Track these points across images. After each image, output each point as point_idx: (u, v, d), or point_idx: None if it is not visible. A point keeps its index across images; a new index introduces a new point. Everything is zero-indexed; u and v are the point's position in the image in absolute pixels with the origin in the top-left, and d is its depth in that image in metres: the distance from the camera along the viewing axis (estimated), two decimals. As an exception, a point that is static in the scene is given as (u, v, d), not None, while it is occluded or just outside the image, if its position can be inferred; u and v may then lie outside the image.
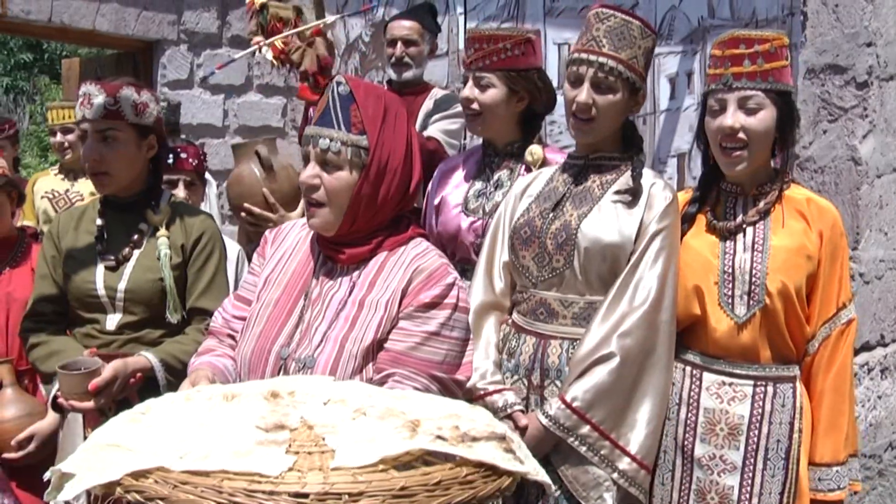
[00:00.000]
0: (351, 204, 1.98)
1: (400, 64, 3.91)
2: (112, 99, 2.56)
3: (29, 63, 16.88)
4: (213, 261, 2.73)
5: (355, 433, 1.41)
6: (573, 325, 2.45)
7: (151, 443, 1.39)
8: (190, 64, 5.81)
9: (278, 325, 2.04)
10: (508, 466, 1.42)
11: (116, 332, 2.64)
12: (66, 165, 4.93)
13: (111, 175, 2.63)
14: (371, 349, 1.96)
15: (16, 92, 16.77)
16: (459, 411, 1.55)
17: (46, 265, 2.75)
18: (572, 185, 2.54)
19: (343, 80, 2.00)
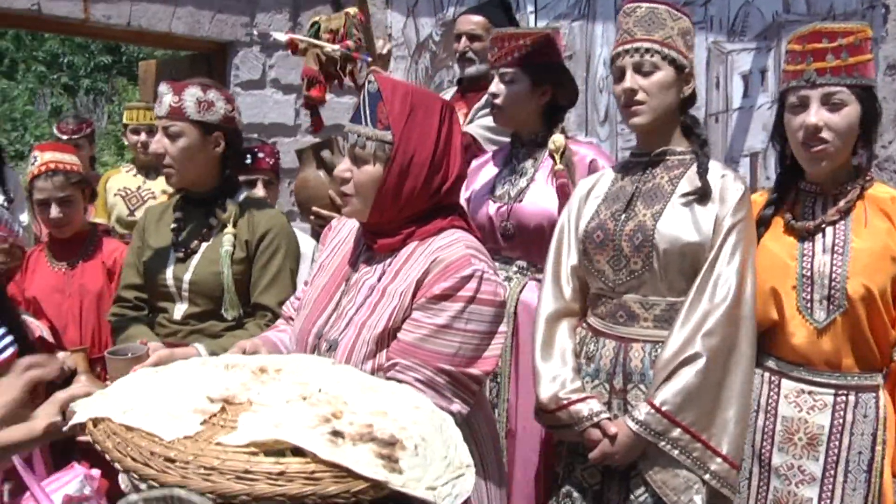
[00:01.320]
0: (377, 196, 2.02)
1: (463, 59, 3.90)
2: (177, 97, 2.67)
3: (108, 65, 17.35)
4: (278, 258, 2.77)
5: (273, 416, 1.54)
6: (655, 328, 2.42)
7: (129, 396, 1.66)
8: (262, 65, 5.86)
9: (321, 308, 2.13)
10: (365, 473, 1.45)
11: (182, 322, 2.75)
12: (141, 163, 5.05)
13: (176, 168, 2.73)
14: (384, 337, 2.00)
15: (95, 93, 17.25)
16: (397, 411, 1.64)
17: (132, 254, 2.91)
18: (640, 184, 2.50)
19: (373, 79, 2.05)
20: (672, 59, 2.41)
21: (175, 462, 1.44)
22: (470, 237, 2.06)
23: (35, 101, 16.67)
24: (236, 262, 2.72)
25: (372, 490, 1.47)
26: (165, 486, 1.42)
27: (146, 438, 1.50)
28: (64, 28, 5.90)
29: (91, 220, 4.08)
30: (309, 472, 1.44)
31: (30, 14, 5.21)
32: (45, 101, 16.79)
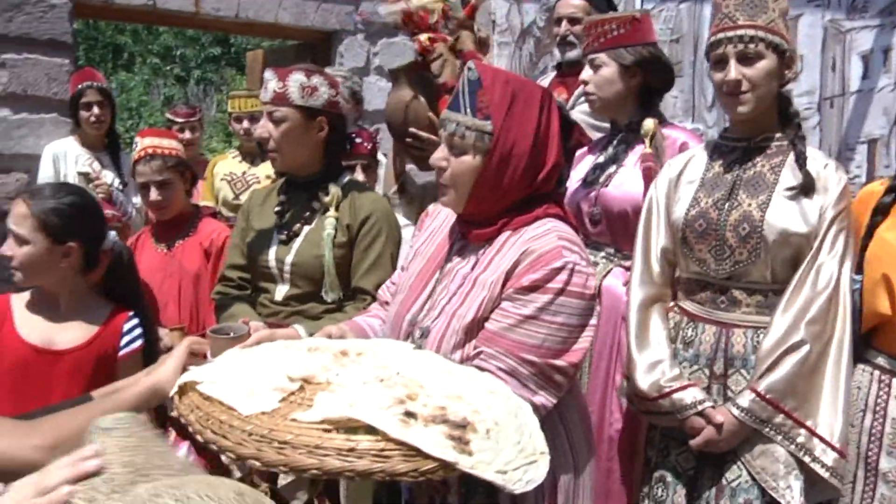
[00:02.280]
0: (474, 187, 2.00)
1: (564, 43, 3.85)
2: (281, 83, 2.71)
3: (217, 57, 17.88)
4: (379, 242, 2.78)
5: (348, 396, 1.59)
6: (757, 314, 2.39)
7: (215, 373, 1.75)
8: (366, 52, 5.93)
9: (415, 295, 2.13)
10: (434, 453, 1.47)
11: (283, 304, 2.80)
12: (246, 150, 5.16)
13: (280, 152, 2.78)
14: (473, 327, 1.98)
15: (205, 83, 17.76)
16: (472, 395, 1.65)
17: (237, 236, 2.98)
18: (740, 172, 2.44)
19: (472, 66, 2.01)
20: (776, 45, 2.34)
21: (251, 435, 1.51)
22: (564, 227, 2.03)
23: (149, 92, 17.26)
24: (338, 246, 2.75)
25: (441, 470, 1.49)
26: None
27: (226, 413, 1.58)
28: (176, 21, 6.11)
29: (198, 203, 4.19)
30: (378, 450, 1.48)
31: (145, 9, 5.41)
32: (159, 92, 17.36)
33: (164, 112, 16.25)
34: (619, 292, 2.93)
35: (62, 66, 4.87)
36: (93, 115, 4.71)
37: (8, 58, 4.68)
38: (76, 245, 2.47)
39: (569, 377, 1.97)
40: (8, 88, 4.71)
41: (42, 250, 2.43)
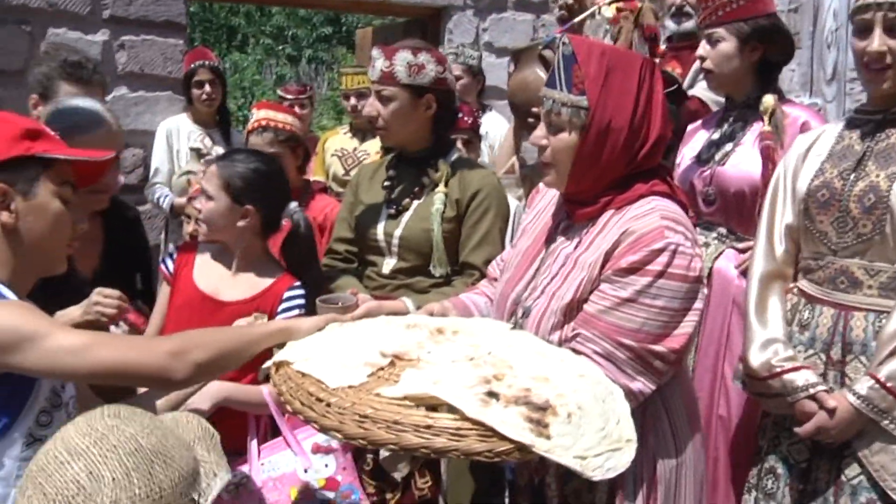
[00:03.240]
0: (574, 165, 1.95)
1: (680, 14, 3.74)
2: (388, 62, 2.70)
3: (328, 36, 18.18)
4: (488, 218, 2.76)
5: (435, 374, 1.63)
6: (880, 296, 2.25)
7: (313, 346, 1.83)
8: (476, 28, 5.86)
9: (520, 274, 2.11)
10: (510, 434, 1.48)
11: (390, 277, 2.82)
12: (356, 126, 5.20)
13: (388, 130, 2.79)
14: (571, 308, 1.94)
15: (317, 62, 18.08)
16: (559, 378, 1.65)
17: (345, 209, 3.02)
18: (872, 143, 2.31)
19: (567, 41, 1.96)
20: None
21: (334, 408, 1.56)
22: (669, 206, 1.95)
23: (262, 71, 17.67)
24: (446, 221, 2.74)
25: (517, 452, 1.49)
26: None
27: (315, 385, 1.64)
28: (288, 1, 6.16)
29: (310, 178, 4.21)
30: (455, 429, 1.50)
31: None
32: (271, 71, 17.74)
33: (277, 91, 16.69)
34: (731, 275, 2.85)
35: (176, 46, 4.98)
36: (204, 92, 4.83)
37: (126, 39, 4.82)
38: (253, 209, 2.60)
39: (669, 363, 1.90)
40: (126, 68, 4.85)
41: (223, 208, 2.59)
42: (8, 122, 1.80)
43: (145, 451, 1.18)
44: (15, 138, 1.74)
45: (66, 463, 1.15)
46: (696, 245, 1.93)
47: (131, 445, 1.18)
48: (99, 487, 1.13)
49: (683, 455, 2.03)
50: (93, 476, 1.14)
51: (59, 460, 1.15)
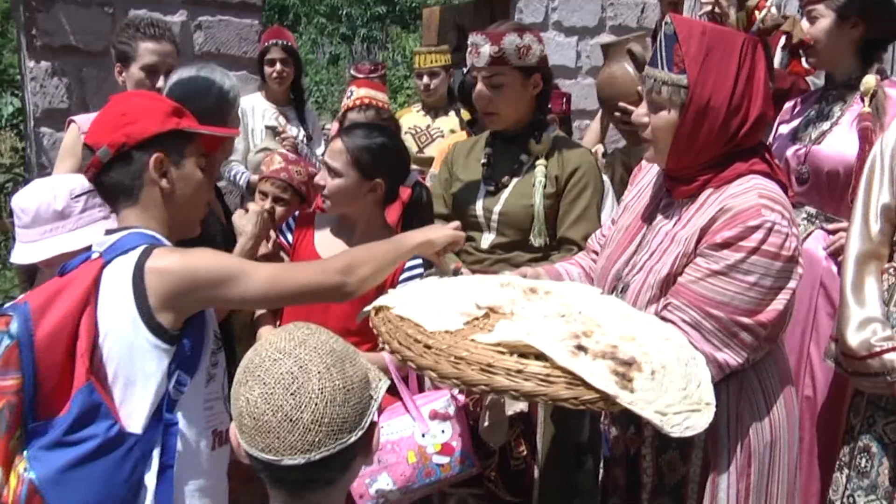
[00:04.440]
0: (673, 142, 1.98)
1: None
2: (496, 47, 2.71)
3: (382, 15, 18.19)
4: (587, 194, 2.80)
5: (527, 326, 1.70)
6: None
7: (410, 295, 1.94)
8: (545, 8, 5.84)
9: (621, 249, 2.16)
10: (596, 384, 1.55)
11: (489, 252, 2.88)
12: (429, 104, 5.23)
13: (499, 115, 2.82)
14: (667, 282, 1.98)
15: (370, 41, 18.09)
16: (645, 339, 1.71)
17: (439, 186, 3.07)
18: None
19: (669, 20, 1.99)
20: None
21: (431, 349, 1.66)
22: (768, 185, 1.97)
23: (315, 51, 17.72)
24: (546, 197, 2.79)
25: (601, 402, 1.57)
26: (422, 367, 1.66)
27: (413, 328, 1.74)
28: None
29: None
30: (545, 375, 1.58)
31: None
32: (324, 51, 17.79)
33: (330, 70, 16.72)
34: (819, 256, 2.85)
35: (251, 26, 5.04)
36: (275, 71, 4.89)
37: (203, 19, 4.88)
38: (382, 181, 2.72)
39: (758, 338, 1.92)
40: (203, 48, 4.91)
41: (352, 183, 2.70)
42: (159, 100, 2.05)
43: (337, 353, 1.40)
44: (167, 114, 1.95)
45: (278, 360, 1.37)
46: (794, 224, 1.94)
47: (326, 347, 1.39)
48: (308, 378, 1.35)
49: (778, 433, 2.05)
50: (302, 370, 1.35)
51: (273, 358, 1.37)
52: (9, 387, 1.69)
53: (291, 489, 1.41)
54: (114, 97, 2.03)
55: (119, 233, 1.92)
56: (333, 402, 1.35)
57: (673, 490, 2.10)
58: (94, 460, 1.73)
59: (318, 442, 1.34)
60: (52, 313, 1.74)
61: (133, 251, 1.84)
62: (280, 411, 1.34)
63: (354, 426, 1.37)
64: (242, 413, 1.38)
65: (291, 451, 1.34)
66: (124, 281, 1.81)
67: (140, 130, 1.90)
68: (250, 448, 1.38)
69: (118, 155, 1.89)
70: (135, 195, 1.93)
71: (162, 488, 1.80)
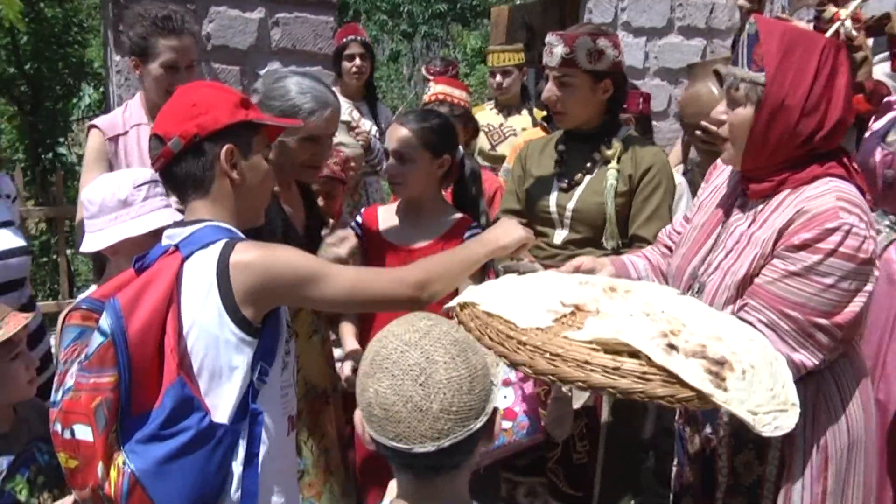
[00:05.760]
0: (748, 141, 1.98)
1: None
2: (568, 48, 2.75)
3: (443, 12, 18.18)
4: (659, 193, 2.83)
5: (616, 323, 1.71)
6: None
7: (494, 292, 1.94)
8: (614, 8, 5.85)
9: (696, 248, 2.17)
10: (693, 382, 1.56)
11: (561, 247, 2.91)
12: (502, 102, 5.25)
13: (566, 114, 2.88)
14: (744, 284, 1.98)
15: (430, 39, 18.11)
16: (731, 339, 1.71)
17: (513, 182, 3.13)
18: None
19: (753, 21, 2.00)
20: None
21: (525, 345, 1.68)
22: (845, 187, 1.96)
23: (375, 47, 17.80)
24: (618, 195, 2.82)
25: (697, 400, 1.59)
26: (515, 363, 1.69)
27: (504, 324, 1.76)
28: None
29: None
30: (641, 373, 1.59)
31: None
32: (385, 47, 17.87)
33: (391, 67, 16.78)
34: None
35: (327, 23, 5.12)
36: (354, 66, 4.98)
37: (281, 16, 4.98)
38: (448, 157, 2.86)
39: (834, 339, 1.93)
40: (279, 44, 5.01)
41: (425, 164, 2.84)
42: (227, 91, 2.03)
43: (460, 343, 1.44)
44: (236, 105, 1.95)
45: (405, 352, 1.41)
46: (871, 227, 1.93)
47: (450, 338, 1.44)
48: (436, 368, 1.39)
49: (856, 436, 2.05)
50: (429, 360, 1.40)
51: (400, 350, 1.42)
52: (106, 384, 1.72)
53: (419, 474, 1.47)
54: (181, 87, 2.02)
55: (192, 225, 1.92)
56: (460, 390, 1.40)
57: (748, 490, 2.11)
58: (190, 452, 1.77)
59: (447, 430, 1.39)
60: (141, 309, 1.76)
61: (213, 245, 1.85)
62: (410, 402, 1.39)
63: (479, 412, 1.42)
64: (371, 404, 1.43)
65: (422, 439, 1.39)
66: (208, 275, 1.82)
67: (212, 121, 1.89)
68: (379, 437, 1.43)
69: (189, 146, 1.89)
70: (205, 186, 1.93)
71: (248, 474, 1.85)
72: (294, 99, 2.52)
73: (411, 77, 16.41)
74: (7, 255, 2.64)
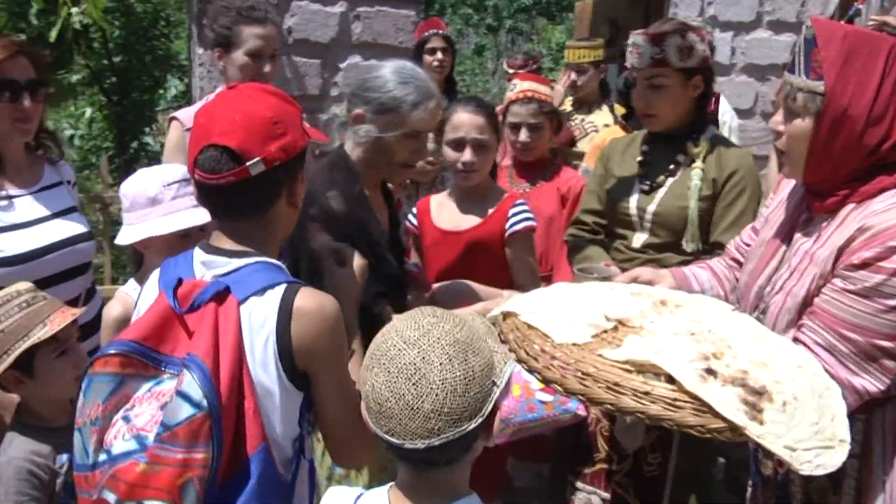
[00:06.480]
0: (808, 153, 1.88)
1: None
2: (658, 49, 2.66)
3: (529, 6, 18.13)
4: (743, 199, 2.73)
5: (656, 343, 1.66)
6: None
7: (539, 301, 1.91)
8: (701, 1, 5.71)
9: (762, 266, 2.07)
10: (725, 413, 1.50)
11: (640, 251, 2.84)
12: (579, 99, 5.20)
13: (658, 116, 2.79)
14: (803, 305, 1.89)
15: (515, 33, 18.10)
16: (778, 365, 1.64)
17: (594, 182, 3.06)
18: None
19: (810, 24, 1.88)
20: None
21: (558, 362, 1.66)
22: None
23: (460, 41, 17.87)
24: (701, 199, 2.73)
25: (728, 432, 1.51)
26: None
27: (541, 338, 1.73)
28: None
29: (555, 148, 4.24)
30: (672, 399, 1.54)
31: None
32: (469, 41, 17.92)
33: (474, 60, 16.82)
34: None
35: (409, 17, 5.14)
36: (436, 59, 4.97)
37: (362, 10, 5.02)
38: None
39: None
40: (360, 38, 5.05)
41: (495, 151, 2.93)
42: (294, 104, 1.82)
43: (461, 343, 1.44)
44: (300, 124, 1.79)
45: (403, 350, 1.43)
46: None
47: (450, 338, 1.44)
48: (430, 369, 1.41)
49: None
50: (425, 360, 1.41)
51: (398, 348, 1.44)
52: (198, 460, 1.54)
53: (415, 465, 1.49)
54: (241, 92, 1.77)
55: (238, 259, 1.73)
56: (454, 392, 1.40)
57: (824, 518, 2.01)
58: None
59: (437, 429, 1.40)
60: (223, 371, 1.59)
61: (271, 290, 1.68)
62: (402, 400, 1.40)
63: (474, 413, 1.42)
64: (368, 397, 1.46)
65: (412, 436, 1.40)
66: (267, 326, 1.67)
67: (292, 145, 1.72)
68: (375, 428, 1.46)
69: (269, 170, 1.68)
70: (261, 210, 1.75)
71: None
72: (394, 90, 2.36)
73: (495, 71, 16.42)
74: (73, 242, 2.68)
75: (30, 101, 2.57)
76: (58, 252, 2.63)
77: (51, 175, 2.78)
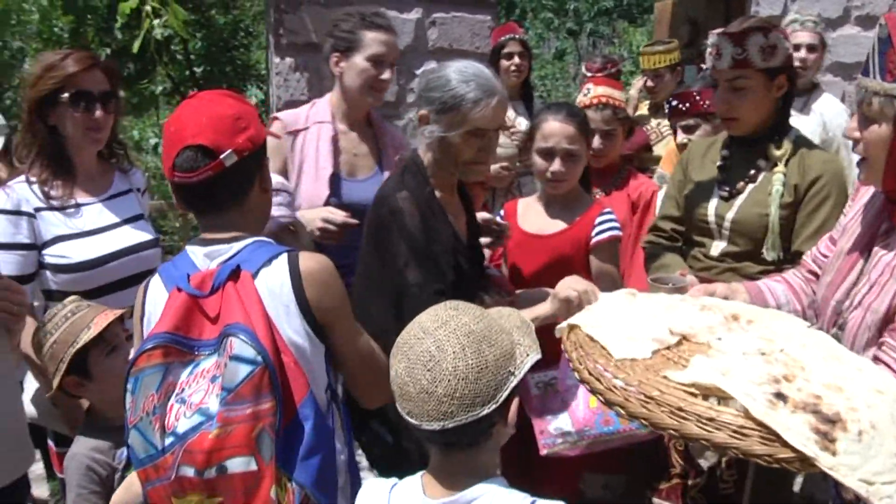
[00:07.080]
0: (887, 160, 1.78)
1: None
2: (739, 49, 2.58)
3: (610, 9, 17.98)
4: (827, 206, 2.60)
5: (724, 364, 1.60)
6: None
7: (604, 313, 1.91)
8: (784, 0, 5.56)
9: (840, 279, 1.98)
10: (794, 443, 1.42)
11: (718, 259, 2.74)
12: (656, 103, 5.13)
13: (740, 120, 2.68)
14: (884, 322, 1.78)
15: (596, 36, 17.96)
16: (854, 389, 1.54)
17: (673, 187, 2.97)
18: None
19: (884, 22, 1.78)
20: None
21: (621, 384, 1.63)
22: None
23: (541, 45, 17.82)
24: (782, 206, 2.61)
25: (798, 462, 1.44)
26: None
27: (603, 357, 1.72)
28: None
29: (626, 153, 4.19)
30: (738, 426, 1.47)
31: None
32: (550, 45, 17.85)
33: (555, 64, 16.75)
34: None
35: (484, 22, 5.14)
36: (513, 64, 4.96)
37: (438, 16, 5.03)
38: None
39: None
40: (436, 44, 5.07)
41: (584, 160, 2.91)
42: (249, 104, 2.04)
43: (476, 334, 1.57)
44: (258, 118, 2.00)
45: (421, 339, 1.58)
46: None
47: (465, 329, 1.57)
48: (444, 357, 1.54)
49: None
50: (440, 349, 1.55)
51: (417, 337, 1.59)
52: (266, 409, 1.72)
53: (440, 449, 1.63)
54: (202, 98, 1.98)
55: (234, 243, 1.92)
56: (466, 379, 1.53)
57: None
58: (329, 454, 1.89)
59: (450, 413, 1.53)
60: (259, 332, 1.76)
61: (276, 260, 1.88)
62: (418, 384, 1.55)
63: (488, 400, 1.54)
64: (393, 381, 1.62)
65: (428, 418, 1.54)
66: (285, 289, 1.86)
67: (257, 136, 1.93)
68: (400, 409, 1.60)
69: (241, 160, 1.88)
70: (240, 199, 1.94)
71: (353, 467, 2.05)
72: (456, 88, 2.34)
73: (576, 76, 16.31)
74: (138, 249, 2.76)
75: (102, 112, 2.69)
76: (122, 259, 2.71)
77: (120, 183, 2.87)
